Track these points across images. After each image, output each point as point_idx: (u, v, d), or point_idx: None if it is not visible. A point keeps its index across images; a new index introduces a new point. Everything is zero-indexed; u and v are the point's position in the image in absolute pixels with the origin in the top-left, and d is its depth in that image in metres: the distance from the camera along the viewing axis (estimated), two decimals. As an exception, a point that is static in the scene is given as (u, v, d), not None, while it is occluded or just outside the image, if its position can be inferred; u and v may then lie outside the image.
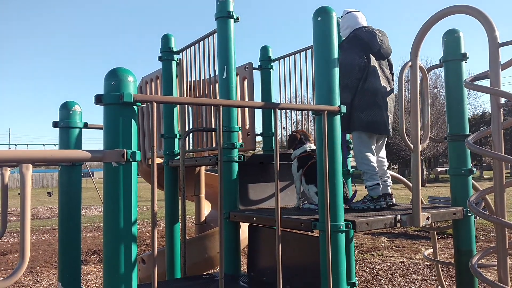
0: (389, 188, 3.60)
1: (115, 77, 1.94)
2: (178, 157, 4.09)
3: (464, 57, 3.25)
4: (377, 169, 3.54)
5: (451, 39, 3.28)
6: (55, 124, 3.01)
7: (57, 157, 1.87)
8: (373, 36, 3.51)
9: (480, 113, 45.35)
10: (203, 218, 5.71)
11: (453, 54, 3.26)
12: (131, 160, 1.91)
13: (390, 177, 3.72)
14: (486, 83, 2.67)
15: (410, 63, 2.81)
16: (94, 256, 8.29)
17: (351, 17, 3.75)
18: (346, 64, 3.46)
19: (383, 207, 3.35)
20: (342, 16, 3.77)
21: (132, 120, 1.95)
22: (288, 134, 5.42)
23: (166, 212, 4.22)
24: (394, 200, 3.51)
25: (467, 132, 3.25)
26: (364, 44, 3.52)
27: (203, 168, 5.42)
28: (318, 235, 2.57)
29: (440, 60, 3.38)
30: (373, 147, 3.57)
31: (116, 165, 1.90)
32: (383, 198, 3.42)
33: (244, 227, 3.90)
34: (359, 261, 7.33)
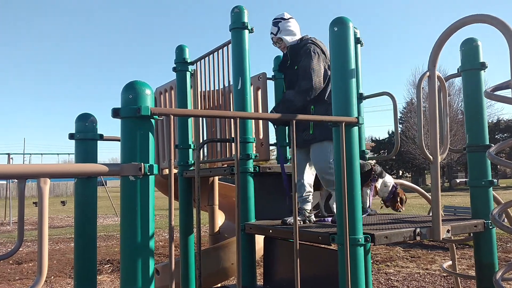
0: None
1: (132, 90, 1.94)
2: (193, 167, 4.08)
3: (483, 66, 3.20)
4: None
5: (469, 48, 3.23)
6: (71, 136, 3.02)
7: (74, 171, 1.86)
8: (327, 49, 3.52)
9: (495, 121, 44.79)
10: (216, 229, 5.68)
11: (471, 63, 3.21)
12: (149, 173, 1.90)
13: None
14: (507, 93, 2.62)
15: (428, 73, 2.76)
16: (108, 266, 8.30)
17: (296, 23, 3.71)
18: (315, 69, 3.43)
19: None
20: (285, 19, 3.67)
21: (150, 133, 1.94)
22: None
23: (181, 222, 4.21)
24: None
25: (487, 142, 3.19)
26: (323, 54, 3.55)
27: (216, 178, 5.40)
28: (336, 248, 2.53)
29: (458, 69, 3.33)
30: None
31: (133, 179, 1.89)
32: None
33: (258, 238, 3.86)
34: (374, 271, 7.23)
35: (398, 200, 3.69)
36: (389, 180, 3.72)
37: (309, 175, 3.57)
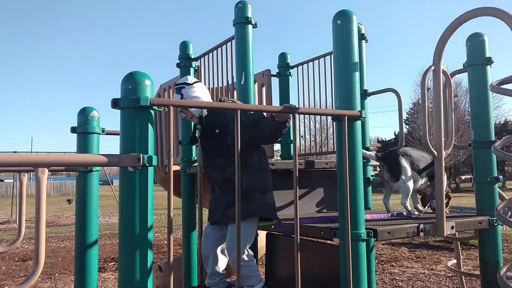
0: None
1: (132, 81, 1.92)
2: (196, 164, 4.06)
3: (489, 61, 3.16)
4: None
5: (475, 43, 3.19)
6: (73, 130, 3.02)
7: (73, 161, 1.85)
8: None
9: (503, 122, 44.47)
10: (220, 226, 5.66)
11: (477, 58, 3.17)
12: (147, 165, 1.88)
13: None
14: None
15: (433, 67, 2.73)
16: (112, 264, 8.30)
17: (203, 87, 3.20)
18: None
19: None
20: (189, 84, 3.10)
21: (149, 124, 1.92)
22: (305, 142, 5.38)
23: (183, 219, 4.19)
24: None
25: (493, 138, 3.15)
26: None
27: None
28: (338, 244, 2.50)
29: (463, 65, 3.29)
30: None
31: (132, 170, 1.87)
32: None
33: (261, 235, 3.84)
34: (379, 271, 7.17)
35: (448, 200, 3.40)
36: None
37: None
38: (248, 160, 2.94)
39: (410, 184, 3.10)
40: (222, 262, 3.17)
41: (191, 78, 3.17)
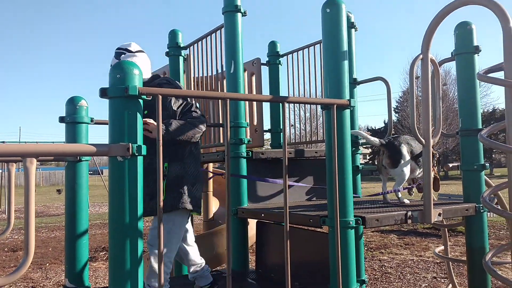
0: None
1: (120, 70, 1.91)
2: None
3: (477, 50, 3.18)
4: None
5: (463, 31, 3.21)
6: (61, 120, 2.99)
7: (61, 151, 1.84)
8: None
9: (491, 110, 44.92)
10: (211, 215, 5.69)
11: (465, 47, 3.19)
12: (137, 154, 1.88)
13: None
14: (500, 75, 2.61)
15: (421, 56, 2.74)
16: (103, 253, 8.30)
17: (146, 57, 3.07)
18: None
19: None
20: (131, 51, 2.96)
21: (138, 113, 1.92)
22: (296, 131, 5.40)
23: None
24: None
25: (480, 126, 3.18)
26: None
27: (211, 164, 5.39)
28: (327, 232, 2.53)
29: (451, 53, 3.31)
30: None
31: (121, 159, 1.87)
32: None
33: (252, 224, 3.86)
34: (368, 258, 7.26)
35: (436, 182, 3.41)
36: None
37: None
38: (178, 150, 2.82)
39: (407, 172, 3.15)
40: (193, 252, 3.12)
41: (135, 46, 3.00)
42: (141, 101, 1.95)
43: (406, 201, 3.25)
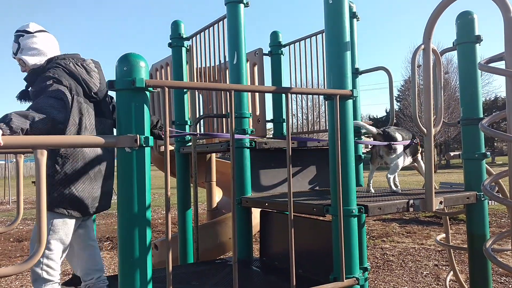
0: None
1: (127, 63, 1.95)
2: (190, 144, 4.10)
3: (478, 39, 3.20)
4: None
5: (465, 21, 3.22)
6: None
7: (71, 142, 1.88)
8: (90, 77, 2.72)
9: (493, 98, 44.83)
10: (214, 205, 5.74)
11: (466, 36, 3.21)
12: (144, 145, 1.92)
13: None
14: (501, 65, 2.63)
15: (423, 46, 2.77)
16: (108, 243, 8.40)
17: (48, 38, 2.76)
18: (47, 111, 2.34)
19: None
20: (29, 32, 2.70)
21: (145, 105, 1.96)
22: (298, 121, 5.42)
23: (178, 198, 4.25)
24: None
25: (481, 115, 3.21)
26: (78, 85, 2.63)
27: (214, 154, 5.43)
28: (330, 220, 2.57)
29: (453, 43, 3.33)
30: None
31: (129, 151, 1.91)
32: None
33: (256, 213, 3.92)
34: (370, 246, 7.34)
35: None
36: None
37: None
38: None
39: (401, 160, 3.20)
40: (82, 264, 2.88)
41: (34, 26, 2.72)
42: (148, 93, 1.98)
43: (397, 189, 3.28)
